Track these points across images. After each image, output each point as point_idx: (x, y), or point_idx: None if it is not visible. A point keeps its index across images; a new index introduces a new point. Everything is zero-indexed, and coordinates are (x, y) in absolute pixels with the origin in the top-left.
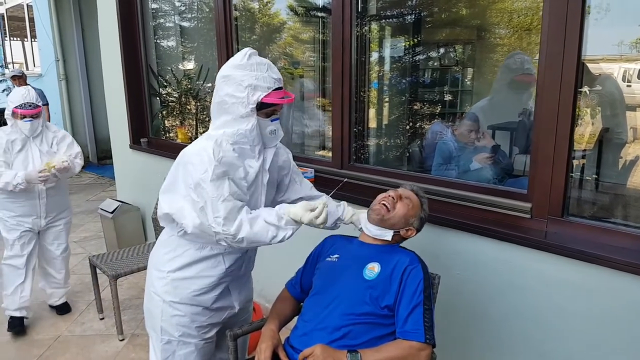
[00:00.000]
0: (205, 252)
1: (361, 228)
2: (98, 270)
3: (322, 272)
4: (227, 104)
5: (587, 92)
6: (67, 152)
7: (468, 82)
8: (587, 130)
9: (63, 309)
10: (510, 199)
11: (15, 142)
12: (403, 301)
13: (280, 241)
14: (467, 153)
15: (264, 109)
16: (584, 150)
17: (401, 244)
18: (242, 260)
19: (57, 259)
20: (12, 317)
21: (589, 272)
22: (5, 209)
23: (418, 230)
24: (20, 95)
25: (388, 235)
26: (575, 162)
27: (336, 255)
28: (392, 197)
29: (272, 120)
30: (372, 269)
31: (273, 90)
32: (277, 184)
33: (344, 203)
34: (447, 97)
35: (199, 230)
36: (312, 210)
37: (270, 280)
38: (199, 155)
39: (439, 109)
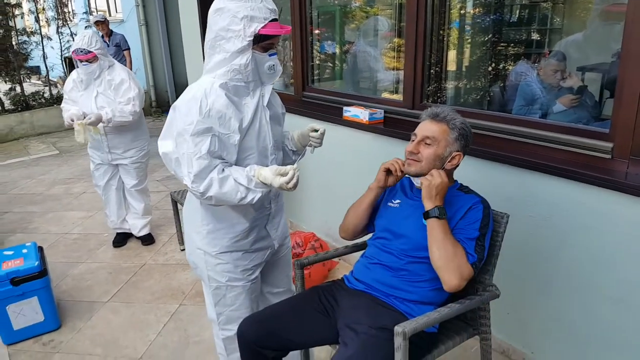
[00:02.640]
0: None
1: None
2: (179, 205)
3: (384, 217)
4: (223, 39)
5: None
6: (123, 96)
7: (557, 20)
8: None
9: (147, 240)
10: (590, 138)
11: (83, 82)
12: (456, 231)
13: (249, 202)
14: (551, 95)
15: (260, 42)
16: None
17: (465, 187)
18: (270, 200)
19: (130, 191)
20: (117, 233)
21: None
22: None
23: (465, 147)
24: (76, 41)
25: None
26: None
27: (398, 201)
28: (412, 152)
29: (270, 55)
30: None
31: (269, 21)
32: (282, 119)
33: (292, 133)
34: (534, 37)
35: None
36: (283, 175)
37: (337, 220)
38: (188, 104)
39: (524, 49)
